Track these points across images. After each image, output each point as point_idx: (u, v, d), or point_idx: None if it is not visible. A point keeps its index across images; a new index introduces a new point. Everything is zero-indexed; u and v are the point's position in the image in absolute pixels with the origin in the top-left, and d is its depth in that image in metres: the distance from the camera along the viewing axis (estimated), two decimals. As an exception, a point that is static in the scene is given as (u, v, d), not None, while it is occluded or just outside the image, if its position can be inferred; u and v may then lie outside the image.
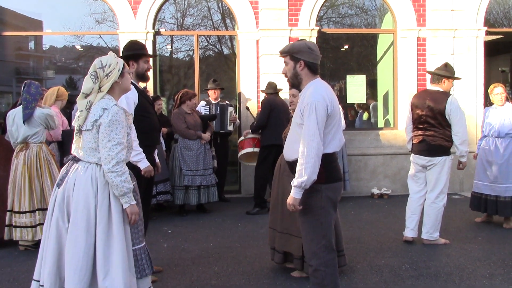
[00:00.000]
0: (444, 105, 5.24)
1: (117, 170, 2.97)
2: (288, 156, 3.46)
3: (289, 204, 3.24)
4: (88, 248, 2.97)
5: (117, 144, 2.98)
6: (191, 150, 7.15)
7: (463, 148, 5.29)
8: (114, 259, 2.96)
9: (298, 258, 4.32)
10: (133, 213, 3.06)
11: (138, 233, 3.21)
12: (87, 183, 3.03)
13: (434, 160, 5.35)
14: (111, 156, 2.97)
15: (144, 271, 3.18)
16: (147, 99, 4.48)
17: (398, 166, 8.66)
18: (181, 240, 5.82)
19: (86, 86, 3.10)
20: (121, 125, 3.02)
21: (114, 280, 2.94)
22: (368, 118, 10.06)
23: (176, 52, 10.27)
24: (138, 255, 3.18)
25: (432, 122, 5.32)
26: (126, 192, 3.00)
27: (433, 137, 5.34)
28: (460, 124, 5.24)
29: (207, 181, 7.16)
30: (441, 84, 5.41)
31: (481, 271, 4.56)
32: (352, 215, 7.02)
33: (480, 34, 8.84)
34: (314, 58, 3.32)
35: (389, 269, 4.65)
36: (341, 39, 9.89)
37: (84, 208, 2.99)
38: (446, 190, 5.45)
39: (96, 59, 3.18)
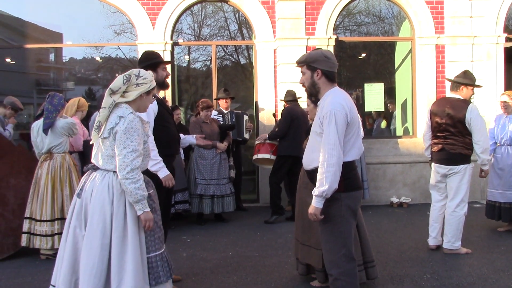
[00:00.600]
0: (464, 113, 5.17)
1: (132, 177, 3.02)
2: (306, 165, 3.46)
3: (311, 213, 3.23)
4: (103, 255, 3.04)
5: (132, 151, 3.04)
6: (206, 159, 7.17)
7: (484, 157, 5.22)
8: (127, 267, 3.02)
9: (319, 270, 4.27)
10: (147, 219, 3.10)
11: (154, 240, 3.24)
12: (104, 191, 3.10)
13: (455, 168, 5.28)
14: (126, 163, 3.03)
15: (159, 278, 3.21)
16: (166, 109, 4.52)
17: (417, 174, 8.57)
18: (200, 249, 5.83)
19: (116, 83, 3.18)
20: (136, 132, 3.08)
21: (125, 283, 3.00)
22: (386, 126, 10.00)
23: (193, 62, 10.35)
24: (154, 263, 3.21)
25: (452, 130, 5.26)
26: (140, 199, 3.05)
27: (452, 146, 5.28)
28: (481, 133, 5.17)
29: (221, 191, 7.15)
30: (460, 92, 5.35)
31: (504, 281, 4.48)
32: (371, 224, 6.95)
33: (500, 41, 8.74)
34: (331, 67, 3.32)
35: (410, 279, 4.59)
36: (358, 47, 9.86)
37: (100, 215, 3.07)
38: (467, 199, 5.38)
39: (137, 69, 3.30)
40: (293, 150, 7.05)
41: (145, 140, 3.22)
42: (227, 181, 7.26)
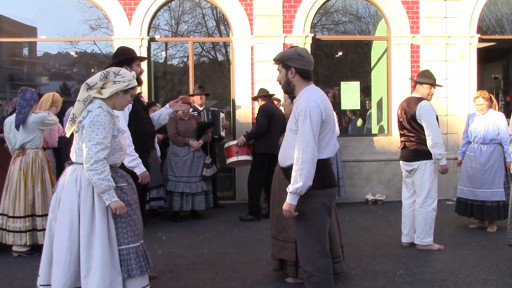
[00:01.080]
0: (415, 110, 5.34)
1: (96, 168, 3.08)
2: (282, 162, 3.47)
3: (285, 210, 3.25)
4: (71, 246, 3.10)
5: (97, 144, 3.10)
6: (178, 156, 7.15)
7: (435, 151, 5.32)
8: (94, 258, 3.08)
9: (291, 264, 4.32)
10: (117, 207, 3.15)
11: (127, 233, 3.25)
12: (72, 183, 3.18)
13: (414, 164, 5.44)
14: (90, 155, 3.09)
15: (132, 271, 3.20)
16: (141, 104, 4.51)
17: (392, 172, 8.68)
18: (176, 246, 5.81)
19: (93, 79, 3.24)
20: (102, 126, 3.13)
21: (92, 276, 3.05)
22: (362, 124, 10.11)
23: (170, 59, 10.28)
24: (126, 255, 3.21)
25: (408, 127, 5.45)
26: (105, 190, 3.10)
27: (410, 142, 5.46)
28: (430, 128, 5.29)
29: (191, 189, 7.08)
30: (418, 90, 5.53)
31: (475, 277, 4.58)
32: (347, 221, 7.02)
33: (473, 41, 8.91)
34: (305, 65, 3.33)
35: (383, 275, 4.66)
36: (335, 46, 9.93)
37: (69, 207, 3.14)
38: (434, 195, 5.47)
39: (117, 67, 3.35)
40: (270, 148, 7.06)
41: (116, 135, 3.26)
42: (198, 179, 7.15)
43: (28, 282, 4.53)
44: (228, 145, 7.38)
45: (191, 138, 7.18)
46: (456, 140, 8.69)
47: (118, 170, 3.36)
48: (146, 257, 3.36)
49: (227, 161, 7.39)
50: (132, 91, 3.41)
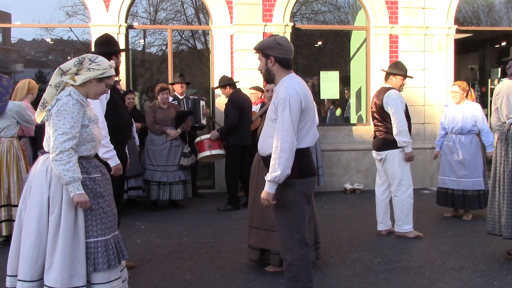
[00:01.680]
0: (382, 99, 5.44)
1: (60, 159, 2.99)
2: (262, 151, 3.47)
3: (263, 198, 3.25)
4: (39, 238, 3.04)
5: (63, 134, 3.01)
6: (155, 145, 7.10)
7: (400, 138, 5.40)
8: (57, 249, 3.02)
9: (276, 253, 4.29)
10: (80, 201, 3.03)
11: (96, 225, 3.14)
12: (42, 173, 3.10)
13: (382, 154, 5.55)
14: (56, 145, 3.01)
15: (99, 265, 3.10)
16: (118, 93, 4.44)
17: (370, 161, 8.72)
18: (154, 236, 5.78)
19: (67, 64, 3.13)
20: (70, 115, 3.03)
21: (52, 271, 3.00)
22: (341, 114, 10.17)
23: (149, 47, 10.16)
24: (93, 248, 3.11)
25: (378, 117, 5.57)
26: (70, 181, 3.00)
27: (379, 132, 5.58)
28: (395, 116, 5.38)
29: (168, 178, 7.04)
30: (389, 82, 5.60)
31: (450, 264, 4.66)
32: (325, 210, 7.08)
33: (450, 32, 8.99)
34: (284, 53, 3.31)
35: (361, 263, 4.71)
36: (315, 35, 9.94)
37: (38, 198, 3.07)
38: (407, 182, 5.54)
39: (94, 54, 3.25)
40: (240, 140, 7.08)
41: (86, 124, 3.14)
42: (176, 168, 7.09)
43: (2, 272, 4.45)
44: (200, 139, 7.26)
45: (169, 127, 7.12)
46: (433, 130, 8.81)
47: (92, 160, 3.26)
48: (117, 250, 3.24)
49: (199, 155, 7.26)
50: (108, 81, 3.29)
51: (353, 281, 4.25)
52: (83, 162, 3.15)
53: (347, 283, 4.20)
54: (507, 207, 4.57)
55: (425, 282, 4.20)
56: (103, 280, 3.14)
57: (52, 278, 2.99)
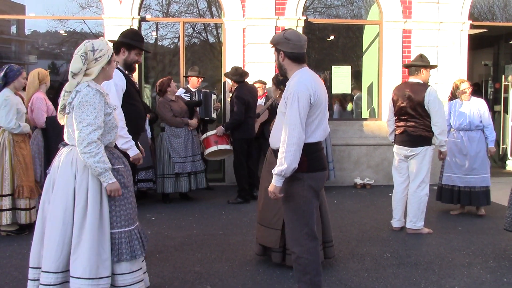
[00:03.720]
0: (423, 96, 5.32)
1: (89, 151, 3.01)
2: (273, 144, 3.49)
3: (270, 191, 3.27)
4: (65, 229, 3.06)
5: (88, 125, 3.02)
6: (179, 137, 7.14)
7: (442, 138, 5.37)
8: (83, 241, 3.04)
9: (277, 251, 4.33)
10: (112, 190, 3.09)
11: (120, 216, 3.20)
12: (67, 165, 3.11)
13: (416, 150, 5.43)
14: (82, 138, 3.01)
15: (122, 256, 3.15)
16: (134, 86, 4.47)
17: (381, 156, 8.73)
18: (165, 227, 5.82)
19: (75, 65, 3.12)
20: (92, 106, 3.04)
21: (79, 261, 3.02)
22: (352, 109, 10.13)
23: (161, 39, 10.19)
24: (117, 239, 3.16)
25: (412, 113, 5.41)
26: (101, 172, 3.04)
27: (414, 128, 5.42)
28: (439, 115, 5.32)
29: (196, 167, 7.17)
30: (419, 75, 5.51)
31: (460, 260, 4.65)
32: (335, 204, 7.08)
33: (464, 28, 8.91)
34: (293, 48, 3.31)
35: (370, 258, 4.71)
36: (327, 29, 9.90)
37: (64, 189, 3.08)
38: (428, 180, 5.53)
39: (86, 41, 3.20)
40: (246, 133, 7.13)
41: (109, 112, 3.17)
42: (200, 157, 7.25)
43: (16, 260, 4.53)
44: (206, 135, 7.28)
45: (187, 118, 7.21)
46: (445, 126, 8.74)
47: (114, 151, 3.30)
48: (141, 241, 3.30)
49: (206, 151, 7.24)
50: (113, 57, 3.30)
51: (362, 275, 4.26)
52: (106, 153, 3.16)
53: (356, 277, 4.21)
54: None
55: (434, 278, 4.20)
56: (126, 270, 3.19)
57: (80, 269, 3.02)
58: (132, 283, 3.21)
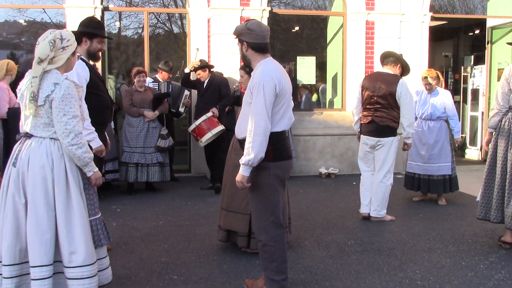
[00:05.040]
0: (395, 87, 5.41)
1: (77, 142, 3.03)
2: (238, 134, 3.50)
3: (238, 181, 3.29)
4: (50, 221, 3.05)
5: (73, 118, 3.03)
6: (133, 127, 7.11)
7: (410, 130, 5.50)
8: (76, 230, 3.06)
9: (243, 235, 4.40)
10: (97, 178, 3.19)
11: (93, 204, 3.28)
12: (42, 157, 3.07)
13: (382, 140, 5.53)
14: (69, 130, 3.01)
15: (100, 241, 3.27)
16: (98, 76, 4.40)
17: (345, 146, 8.87)
18: (130, 219, 5.79)
19: (42, 51, 3.06)
20: (74, 98, 3.06)
21: (78, 250, 3.06)
22: (317, 100, 10.24)
23: (124, 29, 10.05)
24: (94, 226, 3.26)
25: (383, 103, 5.48)
26: (88, 162, 3.10)
27: (381, 118, 5.51)
28: (408, 107, 5.44)
29: (146, 160, 7.08)
30: (394, 68, 5.59)
31: (421, 246, 4.79)
32: (300, 193, 7.17)
33: (425, 19, 9.11)
34: (256, 38, 3.32)
35: (335, 245, 4.81)
36: (292, 20, 9.95)
37: (42, 182, 3.05)
38: (393, 170, 5.66)
39: (52, 30, 3.17)
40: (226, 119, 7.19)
41: (80, 104, 3.20)
42: (153, 150, 7.12)
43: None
44: (195, 125, 6.97)
45: (146, 109, 7.12)
46: (407, 116, 8.94)
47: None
48: (105, 226, 3.41)
49: (203, 140, 6.91)
50: (76, 50, 3.30)
51: (327, 262, 4.34)
52: None
53: (321, 264, 4.29)
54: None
55: (396, 263, 4.31)
56: (103, 255, 3.35)
57: (80, 257, 3.05)
58: (108, 266, 3.39)
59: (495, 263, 4.30)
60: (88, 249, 3.08)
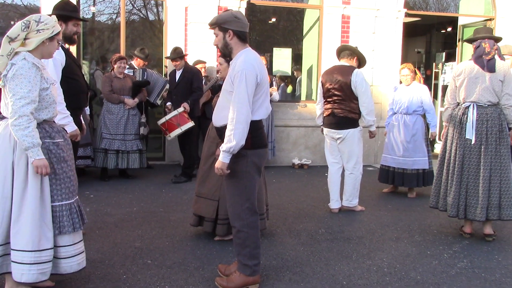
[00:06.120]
0: (350, 78, 5.50)
1: (19, 123, 2.97)
2: (216, 122, 3.56)
3: (217, 168, 3.35)
4: (4, 202, 3.07)
5: (21, 98, 2.98)
6: (113, 114, 7.12)
7: (369, 118, 5.61)
8: (24, 214, 3.05)
9: (209, 220, 4.51)
10: (39, 166, 3.03)
11: (61, 190, 3.21)
12: (5, 139, 3.08)
13: (342, 133, 5.61)
14: (14, 110, 2.98)
15: (64, 228, 3.18)
16: (74, 61, 4.40)
17: (318, 138, 8.99)
18: (104, 205, 5.80)
19: (13, 30, 3.06)
20: (27, 79, 3.00)
21: (22, 234, 3.04)
22: (292, 91, 10.36)
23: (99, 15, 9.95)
24: (58, 212, 3.18)
25: (340, 94, 5.57)
26: (29, 147, 2.99)
27: (340, 110, 5.60)
28: (366, 95, 5.52)
29: (126, 147, 7.12)
30: (351, 61, 5.68)
31: (389, 235, 4.95)
32: (274, 183, 7.28)
33: (400, 15, 9.28)
34: (242, 27, 3.41)
35: (306, 233, 4.93)
36: (269, 12, 10.01)
37: (2, 163, 3.07)
38: (361, 160, 5.80)
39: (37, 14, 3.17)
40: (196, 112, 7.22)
41: (46, 87, 3.13)
42: (134, 137, 7.17)
43: None
44: (165, 119, 7.01)
45: (126, 96, 7.12)
46: (379, 109, 9.13)
47: (54, 125, 3.27)
48: (80, 214, 3.34)
49: (171, 135, 6.99)
50: (58, 37, 3.27)
51: (298, 249, 4.46)
52: (46, 127, 3.16)
53: (292, 251, 4.40)
54: (455, 187, 4.76)
55: (364, 251, 4.46)
56: (69, 242, 3.23)
57: (22, 242, 3.03)
58: (75, 254, 3.27)
59: (458, 253, 4.49)
60: (32, 235, 3.04)
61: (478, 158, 4.70)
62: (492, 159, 4.67)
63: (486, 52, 4.64)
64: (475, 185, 4.71)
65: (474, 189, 4.71)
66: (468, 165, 4.73)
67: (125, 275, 3.75)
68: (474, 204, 4.70)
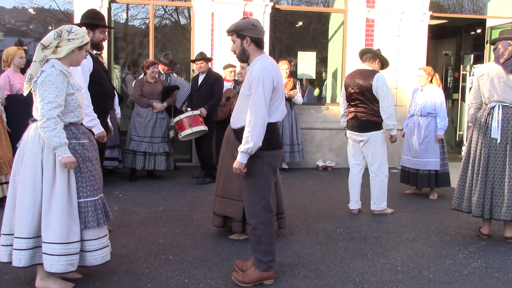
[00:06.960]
0: (371, 82, 5.57)
1: (47, 126, 3.25)
2: (234, 124, 3.76)
3: (235, 168, 3.54)
4: (34, 198, 3.32)
5: (49, 103, 3.26)
6: (141, 117, 7.40)
7: (389, 122, 5.66)
8: (53, 209, 3.31)
9: (238, 220, 4.65)
10: (67, 163, 3.30)
11: (86, 187, 3.45)
12: (35, 139, 3.36)
13: (365, 136, 5.68)
14: (43, 113, 3.26)
15: (89, 223, 3.43)
16: (101, 66, 4.66)
17: (342, 140, 9.06)
18: (131, 204, 6.05)
19: (46, 38, 3.35)
20: (54, 85, 3.28)
21: (52, 228, 3.29)
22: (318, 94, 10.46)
23: (131, 20, 10.26)
24: (84, 208, 3.43)
25: (361, 98, 5.64)
26: (56, 146, 3.27)
27: (362, 113, 5.67)
28: (386, 99, 5.57)
29: (153, 149, 7.37)
30: (373, 64, 5.75)
31: (406, 236, 5.03)
32: (296, 184, 7.41)
33: (425, 18, 9.29)
34: (259, 34, 3.59)
35: (324, 233, 5.05)
36: (294, 16, 10.15)
37: (32, 161, 3.34)
38: (386, 162, 5.83)
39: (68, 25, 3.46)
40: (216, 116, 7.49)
41: (72, 93, 3.39)
42: (161, 140, 7.42)
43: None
44: (179, 118, 7.20)
45: (155, 100, 7.39)
46: (404, 112, 9.13)
47: (80, 127, 3.54)
48: (105, 210, 3.58)
49: (182, 134, 7.17)
50: (86, 47, 3.55)
51: (315, 248, 4.59)
52: (72, 129, 3.43)
53: (309, 249, 4.54)
54: (479, 187, 4.79)
55: (380, 250, 4.56)
56: (94, 236, 3.48)
57: (53, 234, 3.29)
58: (99, 248, 3.51)
59: (474, 253, 4.54)
60: (61, 228, 3.29)
61: (503, 157, 4.74)
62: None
63: (500, 54, 4.69)
64: (500, 185, 4.74)
65: (499, 189, 4.74)
66: (493, 164, 4.76)
67: (147, 269, 3.97)
68: (500, 204, 4.72)
